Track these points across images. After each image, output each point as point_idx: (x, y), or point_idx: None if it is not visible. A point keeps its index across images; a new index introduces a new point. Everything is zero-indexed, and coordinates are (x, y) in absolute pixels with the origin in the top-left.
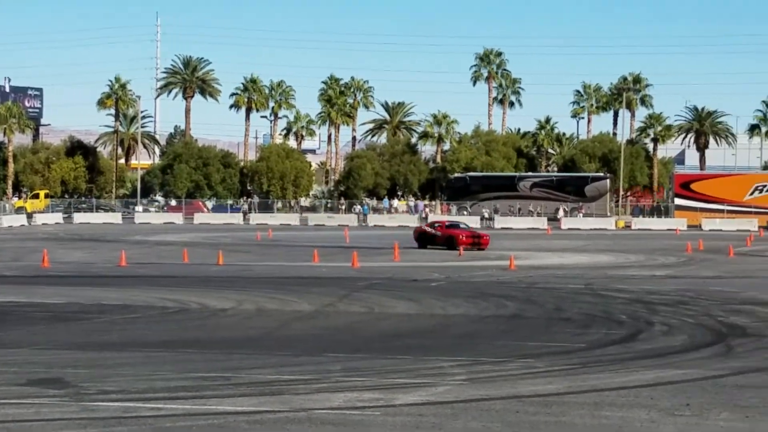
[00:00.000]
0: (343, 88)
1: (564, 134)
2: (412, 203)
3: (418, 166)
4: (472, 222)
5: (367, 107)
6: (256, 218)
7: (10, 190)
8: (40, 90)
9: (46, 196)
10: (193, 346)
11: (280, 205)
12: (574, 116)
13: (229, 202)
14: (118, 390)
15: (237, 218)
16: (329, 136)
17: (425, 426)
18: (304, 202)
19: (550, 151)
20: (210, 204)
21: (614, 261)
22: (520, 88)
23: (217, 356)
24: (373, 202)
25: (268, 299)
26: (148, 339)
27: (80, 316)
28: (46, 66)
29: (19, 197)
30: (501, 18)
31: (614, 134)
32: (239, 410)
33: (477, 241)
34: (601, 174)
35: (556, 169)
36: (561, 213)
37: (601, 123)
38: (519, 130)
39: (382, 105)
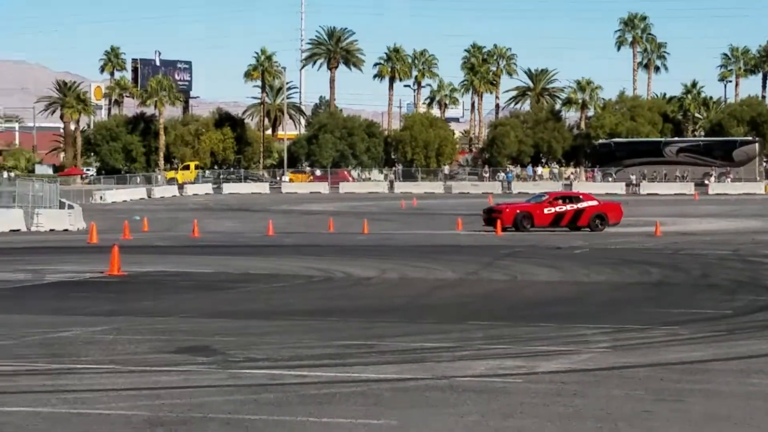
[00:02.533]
0: (485, 56)
1: (711, 98)
2: (555, 170)
3: (562, 133)
4: (617, 189)
5: (510, 75)
6: (400, 187)
7: (161, 162)
8: (189, 63)
9: (196, 167)
10: (337, 314)
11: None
12: (721, 80)
13: (375, 171)
14: (264, 357)
15: (382, 186)
16: (472, 104)
17: (567, 393)
18: (448, 170)
19: (696, 115)
20: (355, 172)
21: (763, 226)
22: (665, 52)
23: (360, 324)
24: (517, 170)
25: (412, 268)
26: (294, 307)
27: (228, 285)
28: (194, 39)
29: (171, 169)
30: None
31: (763, 97)
32: (381, 377)
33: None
34: (750, 138)
35: (703, 133)
36: (712, 178)
37: (750, 86)
38: (665, 95)
39: (525, 72)
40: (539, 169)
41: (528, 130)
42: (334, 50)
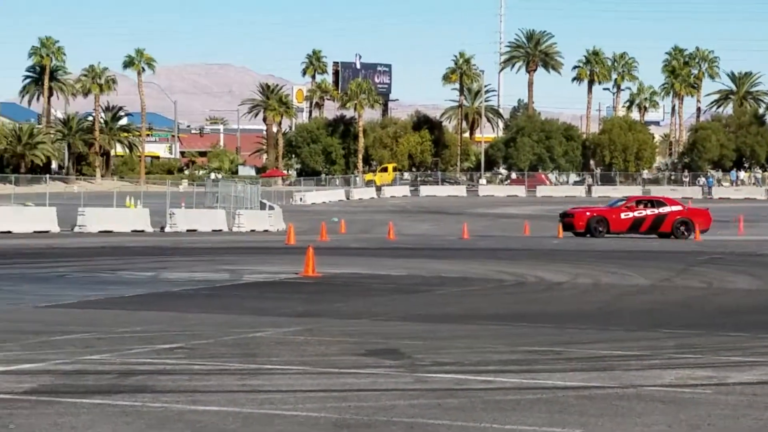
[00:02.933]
0: (687, 59)
1: None
2: (758, 175)
3: (766, 138)
4: None
5: (712, 77)
6: (597, 191)
7: (360, 164)
8: (388, 66)
9: (394, 169)
10: (527, 319)
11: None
12: None
13: (572, 175)
14: (451, 362)
15: (579, 190)
16: (673, 108)
17: (758, 406)
18: (647, 174)
19: None
20: (552, 175)
21: None
22: None
23: (549, 330)
24: (719, 174)
25: (605, 273)
26: (484, 312)
27: (420, 288)
28: (394, 42)
29: (369, 171)
30: None
31: None
32: (568, 385)
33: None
34: None
35: None
36: None
37: None
38: None
39: (728, 75)
40: (741, 174)
41: (730, 134)
42: (532, 53)
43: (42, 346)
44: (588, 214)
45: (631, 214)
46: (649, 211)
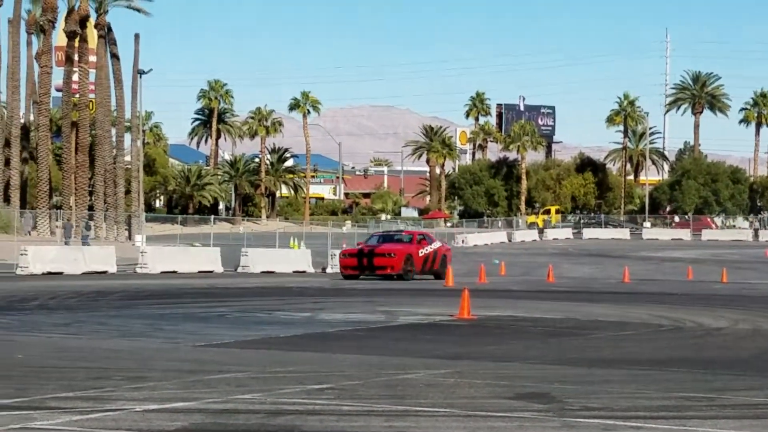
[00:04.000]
0: None
1: None
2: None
3: None
4: None
5: None
6: (766, 235)
7: (523, 206)
8: (552, 108)
9: (557, 212)
10: (681, 365)
11: None
12: None
13: (739, 219)
14: (601, 407)
15: (746, 234)
16: None
17: None
18: None
19: None
20: (718, 220)
21: None
22: None
23: (704, 376)
24: None
25: (767, 319)
26: (638, 357)
27: (575, 332)
28: (558, 84)
29: (531, 213)
30: None
31: None
32: None
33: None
34: None
35: None
36: None
37: None
38: None
39: None
40: None
41: None
42: (698, 95)
43: (196, 384)
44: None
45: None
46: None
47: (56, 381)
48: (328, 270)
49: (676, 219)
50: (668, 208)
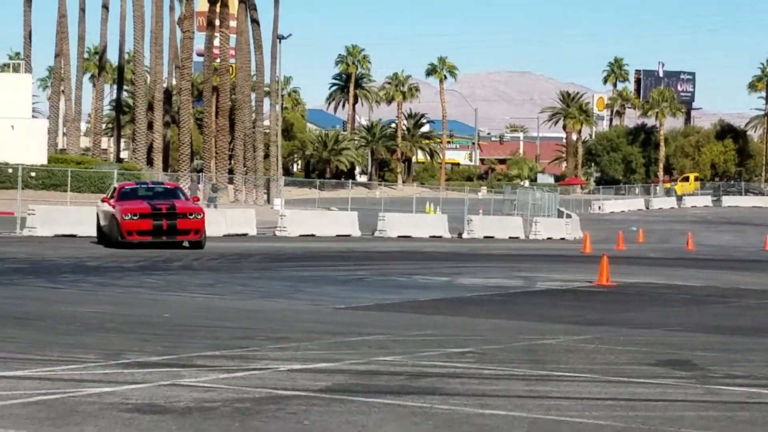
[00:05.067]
0: None
1: None
2: None
3: None
4: None
5: None
6: None
7: (660, 173)
8: (692, 74)
9: (696, 179)
10: None
11: None
12: None
13: None
14: (744, 375)
15: None
16: None
17: None
18: None
19: None
20: None
21: None
22: None
23: None
24: None
25: None
26: None
27: (715, 300)
28: (698, 50)
29: (669, 180)
30: None
31: None
32: None
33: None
34: None
35: None
36: None
37: None
38: None
39: None
40: None
41: None
42: None
43: (338, 346)
44: None
45: None
46: None
47: (202, 340)
48: (464, 235)
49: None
50: None
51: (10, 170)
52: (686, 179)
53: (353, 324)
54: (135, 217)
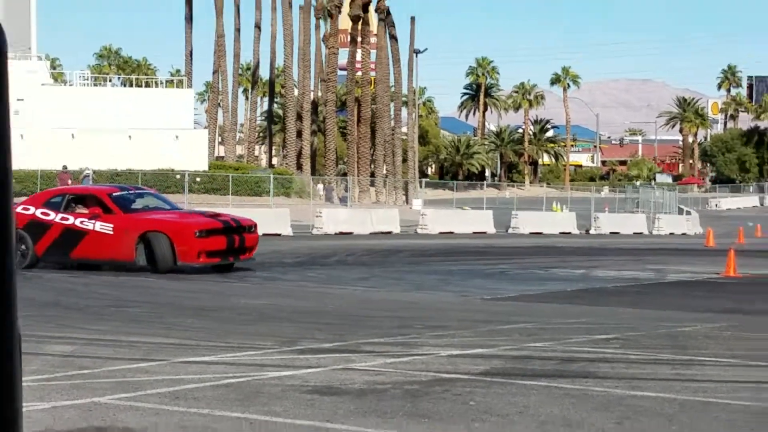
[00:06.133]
0: None
1: None
2: None
3: None
4: None
5: None
6: None
7: None
8: None
9: None
10: None
11: None
12: None
13: None
14: None
15: None
16: None
17: None
18: None
19: None
20: None
21: None
22: None
23: None
24: None
25: None
26: None
27: None
28: None
29: None
30: None
31: None
32: None
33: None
34: None
35: None
36: None
37: None
38: None
39: None
40: None
41: None
42: None
43: (491, 333)
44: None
45: None
46: None
47: (367, 329)
48: (592, 231)
49: None
50: None
51: (177, 176)
52: None
53: (501, 313)
54: (206, 235)
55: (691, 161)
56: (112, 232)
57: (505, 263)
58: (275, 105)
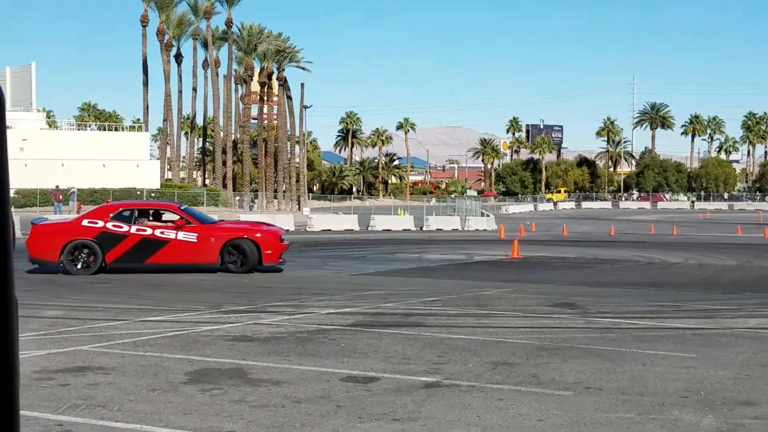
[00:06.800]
0: (758, 120)
1: None
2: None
3: None
4: None
5: None
6: (698, 205)
7: (543, 188)
8: (561, 126)
9: (565, 191)
10: (655, 285)
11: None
12: None
13: (680, 195)
14: (609, 311)
15: (686, 205)
16: (748, 152)
17: None
18: (726, 195)
19: None
20: (667, 195)
21: None
22: None
23: (671, 293)
24: None
25: (706, 257)
26: (627, 280)
27: (585, 265)
28: (564, 110)
29: (548, 192)
30: None
31: None
32: (685, 326)
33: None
34: None
35: None
36: None
37: None
38: None
39: None
40: None
41: None
42: (654, 117)
43: (356, 298)
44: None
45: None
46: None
47: (271, 296)
48: (424, 228)
49: (641, 195)
50: (635, 189)
51: (138, 192)
52: (559, 192)
53: (362, 284)
54: (282, 240)
55: (489, 181)
56: (196, 240)
57: (366, 250)
58: (207, 143)
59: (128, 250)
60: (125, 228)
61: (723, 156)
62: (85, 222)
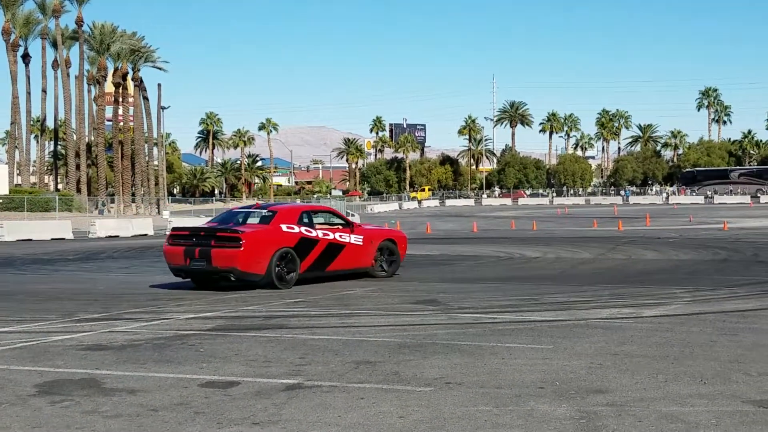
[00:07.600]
0: (611, 117)
1: (761, 140)
2: (625, 191)
3: (661, 165)
4: (699, 200)
5: (627, 128)
6: (557, 200)
7: (407, 187)
8: (424, 125)
9: (429, 190)
10: (515, 280)
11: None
12: None
13: (540, 191)
14: (470, 306)
15: (545, 201)
16: (603, 148)
17: (661, 330)
18: (587, 190)
19: (751, 152)
20: (527, 192)
21: None
22: (730, 111)
23: (529, 287)
24: (633, 188)
25: (563, 251)
26: (488, 275)
27: (448, 262)
28: (428, 109)
29: (413, 191)
30: (716, 61)
31: None
32: (542, 319)
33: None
34: None
35: (755, 164)
36: (763, 194)
37: None
38: (729, 139)
39: (638, 126)
40: (646, 189)
41: (639, 163)
42: (514, 115)
43: (216, 302)
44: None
45: None
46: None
47: (127, 302)
48: None
49: (503, 191)
50: (497, 186)
51: None
52: (423, 190)
53: (225, 288)
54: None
55: (354, 180)
56: (361, 243)
57: None
58: (60, 146)
59: (317, 257)
60: (314, 233)
61: (579, 152)
62: (284, 227)
